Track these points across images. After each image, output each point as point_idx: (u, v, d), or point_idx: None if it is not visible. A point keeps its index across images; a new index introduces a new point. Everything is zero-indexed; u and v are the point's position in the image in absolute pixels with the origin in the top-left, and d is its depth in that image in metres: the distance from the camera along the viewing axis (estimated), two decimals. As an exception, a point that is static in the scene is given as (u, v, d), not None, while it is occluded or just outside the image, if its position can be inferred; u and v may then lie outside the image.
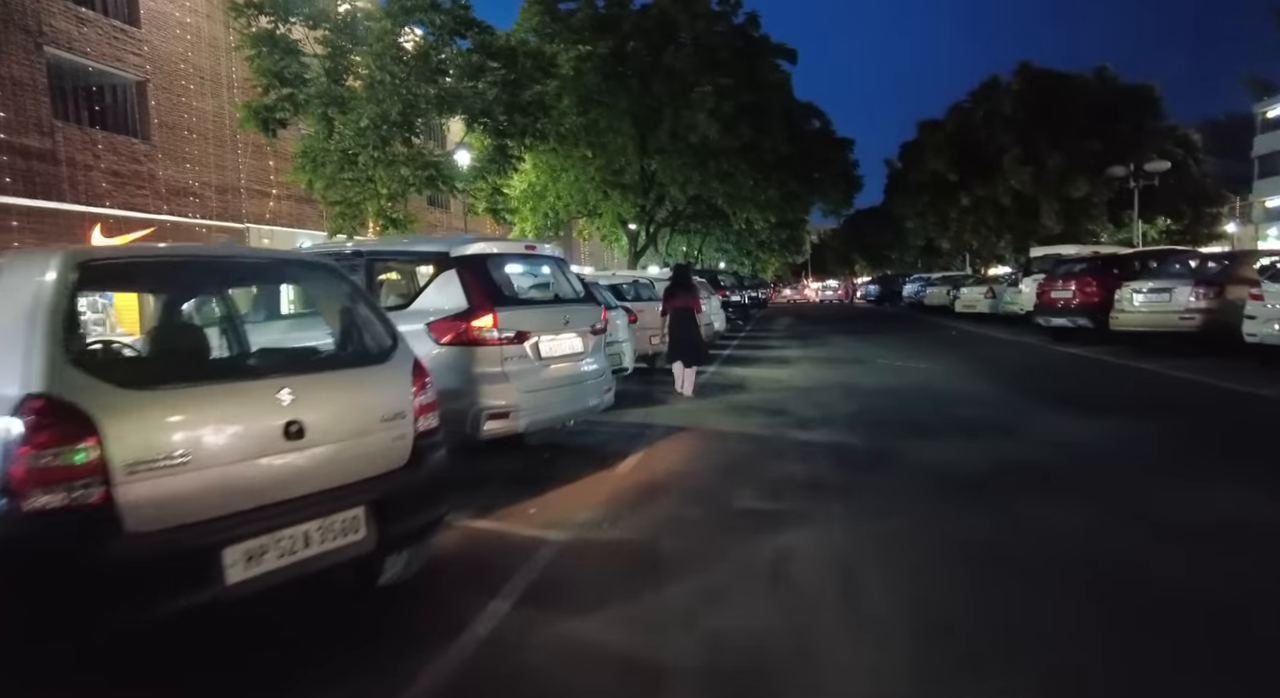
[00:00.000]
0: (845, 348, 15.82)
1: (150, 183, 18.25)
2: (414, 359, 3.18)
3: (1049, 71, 25.10)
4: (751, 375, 11.26)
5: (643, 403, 8.69)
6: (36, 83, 15.46)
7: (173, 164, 18.82)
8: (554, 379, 5.22)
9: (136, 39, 17.52)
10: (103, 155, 17.54)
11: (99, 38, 16.87)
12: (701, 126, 23.79)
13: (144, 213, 17.82)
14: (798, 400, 8.75)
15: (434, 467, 3.13)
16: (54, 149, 16.17)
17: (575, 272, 6.29)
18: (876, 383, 10.15)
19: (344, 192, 11.14)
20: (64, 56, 15.99)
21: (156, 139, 18.31)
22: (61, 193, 16.19)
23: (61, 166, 16.43)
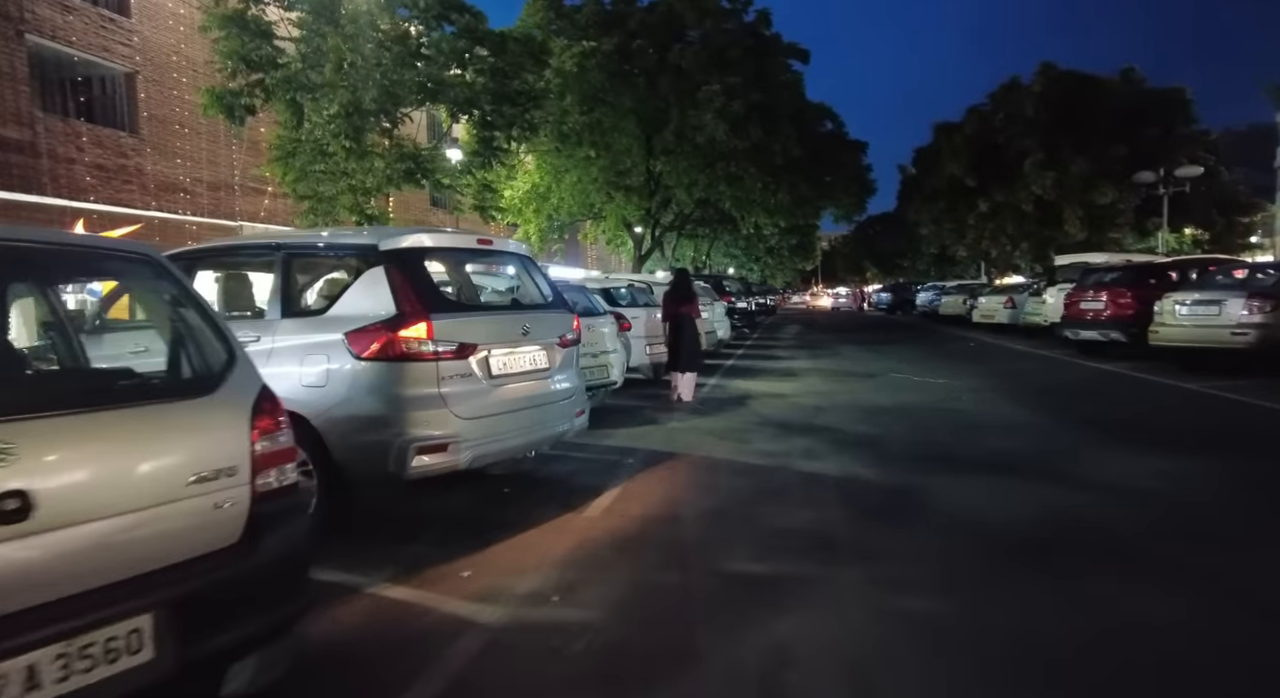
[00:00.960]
0: (856, 360, 14.82)
1: (138, 178, 17.71)
2: (258, 389, 2.25)
3: (1073, 73, 23.99)
4: (755, 389, 10.29)
5: (630, 421, 7.73)
6: (16, 72, 14.95)
7: (162, 159, 18.29)
8: (508, 402, 4.27)
9: (126, 29, 17.03)
10: (87, 148, 17.06)
11: (85, 27, 16.33)
12: (709, 127, 22.85)
13: (130, 208, 17.35)
14: (805, 421, 7.78)
15: (283, 544, 2.19)
16: (34, 141, 15.63)
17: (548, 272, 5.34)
18: (892, 401, 9.16)
19: (315, 185, 10.27)
20: (47, 45, 15.60)
21: (145, 133, 17.84)
22: (42, 186, 15.67)
23: (42, 159, 15.91)
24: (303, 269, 4.41)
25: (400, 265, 3.96)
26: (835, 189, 26.86)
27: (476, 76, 11.05)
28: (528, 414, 4.41)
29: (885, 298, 44.62)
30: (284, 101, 9.71)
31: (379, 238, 4.07)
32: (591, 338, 7.81)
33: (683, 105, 23.79)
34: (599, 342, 7.92)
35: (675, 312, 9.12)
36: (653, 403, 9.18)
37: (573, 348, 4.95)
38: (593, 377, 7.74)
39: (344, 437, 3.83)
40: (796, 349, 17.52)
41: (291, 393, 3.95)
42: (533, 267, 4.97)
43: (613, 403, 8.86)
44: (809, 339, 21.67)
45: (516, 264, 4.98)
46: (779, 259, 50.24)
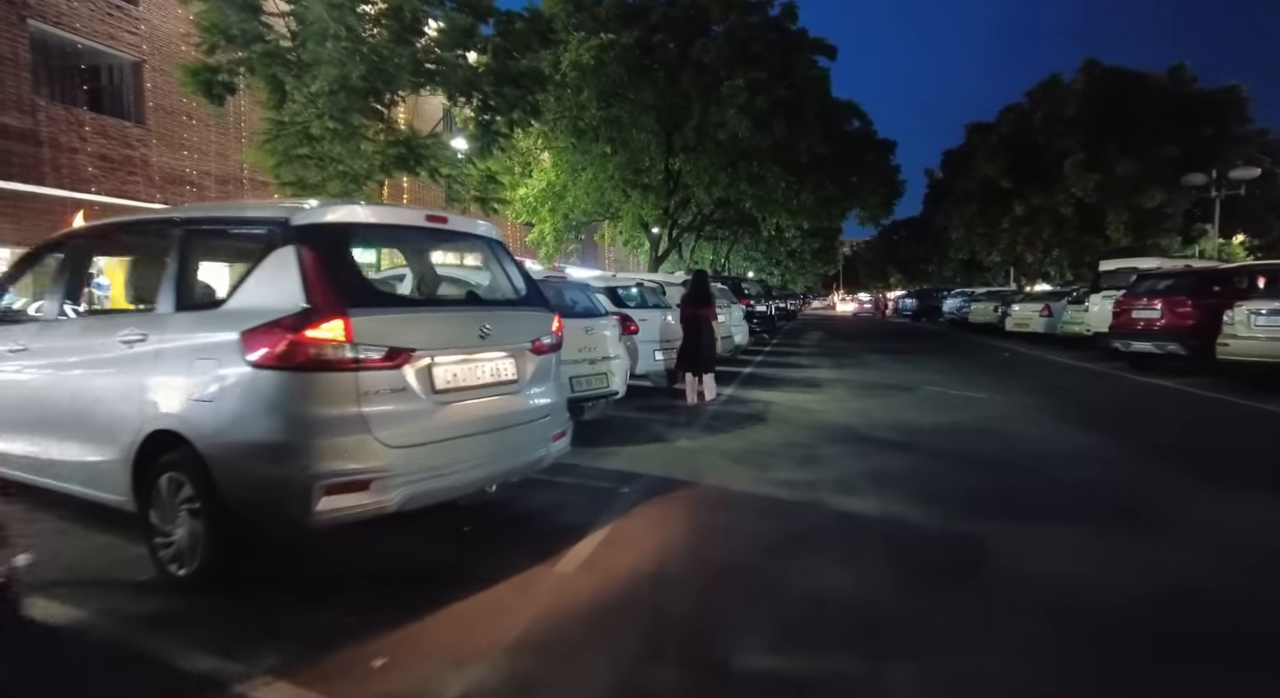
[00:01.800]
0: (885, 370, 13.72)
1: (143, 169, 17.34)
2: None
3: (1118, 70, 22.57)
4: (776, 402, 9.26)
5: (634, 438, 6.75)
6: (19, 58, 14.66)
7: (169, 150, 17.91)
8: (458, 424, 3.31)
9: (133, 17, 16.74)
10: (90, 138, 16.74)
11: (91, 14, 16.00)
12: (731, 123, 21.85)
13: (135, 201, 17.16)
14: (834, 443, 6.74)
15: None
16: (35, 129, 15.31)
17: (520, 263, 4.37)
18: (931, 420, 8.09)
19: (299, 171, 9.42)
20: (50, 31, 15.30)
21: (152, 123, 17.52)
22: (42, 176, 15.37)
23: (43, 148, 15.60)
24: (204, 250, 3.49)
25: (316, 246, 3.02)
26: (862, 190, 25.70)
27: (479, 56, 10.15)
28: (486, 440, 3.44)
29: (910, 304, 43.22)
30: (265, 78, 8.86)
31: (293, 210, 3.12)
32: (590, 342, 6.86)
33: (704, 101, 22.85)
34: (599, 347, 6.96)
35: (695, 314, 8.91)
36: (662, 415, 8.19)
37: (551, 355, 3.98)
38: (590, 386, 6.79)
39: (233, 468, 2.90)
40: (819, 357, 16.44)
41: (177, 408, 3.02)
42: (503, 255, 4.00)
43: (616, 415, 7.89)
44: (832, 346, 20.56)
45: (483, 249, 4.02)
46: (800, 263, 49.04)
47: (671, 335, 9.85)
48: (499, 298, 3.90)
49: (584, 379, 6.71)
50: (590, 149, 22.92)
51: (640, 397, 9.40)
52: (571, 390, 6.57)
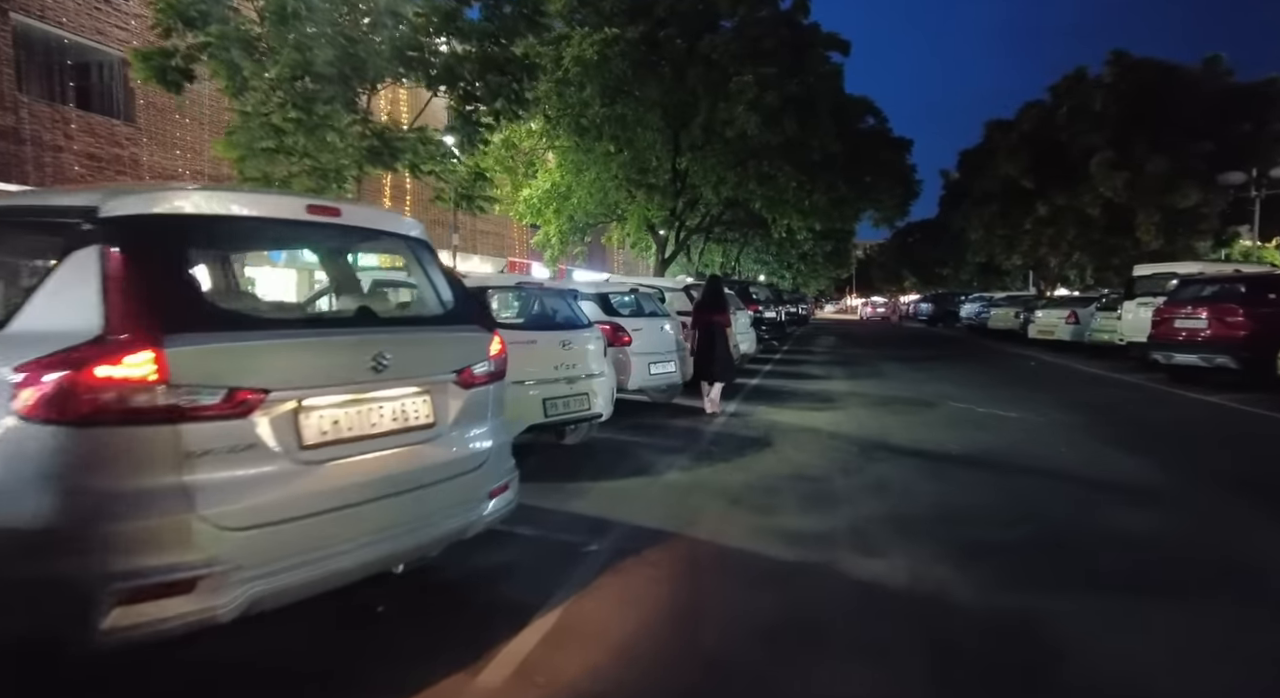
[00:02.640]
0: (903, 381, 12.75)
1: (133, 169, 16.79)
2: None
3: (1149, 62, 21.32)
4: (784, 422, 8.33)
5: (615, 469, 5.85)
6: (0, 53, 14.06)
7: (160, 149, 17.34)
8: (339, 489, 2.42)
9: (122, 12, 16.27)
10: (76, 136, 16.21)
11: (78, 8, 15.50)
12: (740, 120, 20.93)
13: None
14: (850, 476, 5.81)
15: None
16: (17, 126, 14.76)
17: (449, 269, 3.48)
18: (961, 444, 7.14)
19: (264, 165, 8.61)
20: (35, 26, 14.69)
21: (142, 121, 16.99)
22: (25, 175, 14.92)
23: (26, 146, 15.04)
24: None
25: (131, 245, 2.15)
26: (876, 190, 24.68)
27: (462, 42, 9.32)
28: (384, 508, 2.55)
29: (926, 309, 42.08)
30: (222, 63, 8.06)
31: (107, 197, 2.25)
32: (569, 358, 5.97)
33: (712, 98, 21.95)
34: (579, 363, 6.06)
35: (707, 320, 8.62)
36: (654, 437, 7.28)
37: (488, 387, 3.09)
38: (568, 409, 5.90)
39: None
40: (832, 366, 15.47)
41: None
42: (428, 258, 3.10)
43: (601, 437, 7.00)
44: (845, 354, 19.57)
45: (403, 252, 3.13)
46: (812, 266, 47.95)
47: (670, 347, 8.96)
48: (414, 315, 3.02)
49: (561, 401, 5.82)
50: (593, 148, 22.09)
51: (632, 414, 8.50)
52: (545, 415, 5.69)
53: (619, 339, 8.22)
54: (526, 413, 5.55)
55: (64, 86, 16.18)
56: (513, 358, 5.58)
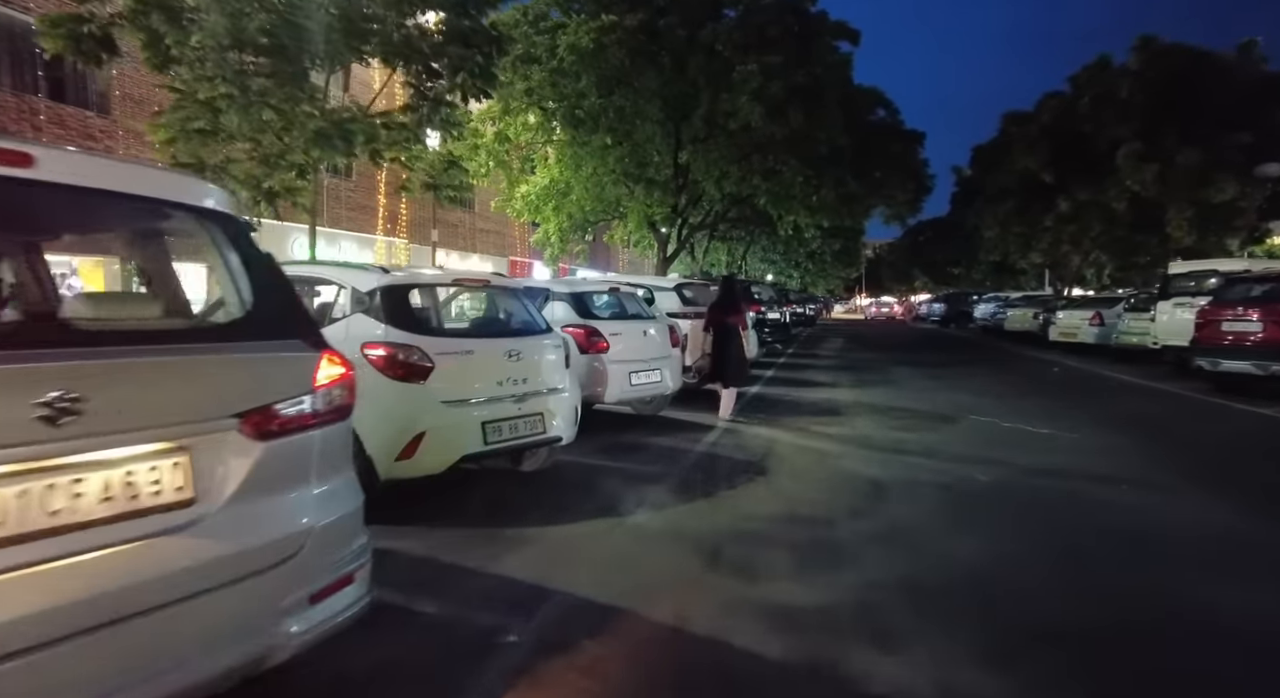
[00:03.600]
0: (917, 390, 11.64)
1: None
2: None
3: (1180, 48, 20.01)
4: (782, 441, 7.25)
5: (571, 507, 4.79)
6: None
7: (137, 144, 16.53)
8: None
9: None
10: (46, 129, 15.42)
11: None
12: (743, 111, 19.86)
13: None
14: (857, 519, 4.74)
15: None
16: None
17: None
18: (990, 471, 6.05)
19: (197, 148, 7.63)
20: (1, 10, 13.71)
21: (119, 114, 16.06)
22: None
23: None
24: None
25: None
26: (888, 185, 23.52)
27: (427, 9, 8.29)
28: (92, 650, 1.51)
29: (938, 309, 40.80)
30: (141, 30, 7.06)
31: None
32: (518, 371, 4.92)
33: (714, 88, 20.91)
34: (532, 377, 5.01)
35: (721, 321, 8.34)
36: (628, 460, 6.24)
37: (314, 434, 2.05)
38: (515, 434, 4.87)
39: None
40: (839, 372, 14.36)
41: None
42: (227, 240, 2.06)
43: (568, 460, 5.96)
44: (854, 358, 18.44)
45: (196, 231, 2.08)
46: (820, 265, 46.75)
47: (656, 353, 7.91)
48: (165, 327, 1.96)
49: (506, 424, 4.77)
50: (590, 140, 21.07)
51: (611, 429, 7.46)
52: (484, 441, 4.65)
53: (594, 345, 7.19)
54: (458, 440, 4.52)
55: (34, 76, 15.37)
56: (444, 373, 4.57)
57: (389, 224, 26.43)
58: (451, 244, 30.76)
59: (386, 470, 4.32)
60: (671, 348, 8.19)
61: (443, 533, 4.26)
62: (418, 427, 4.32)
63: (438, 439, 4.39)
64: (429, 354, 4.41)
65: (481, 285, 5.54)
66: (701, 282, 12.44)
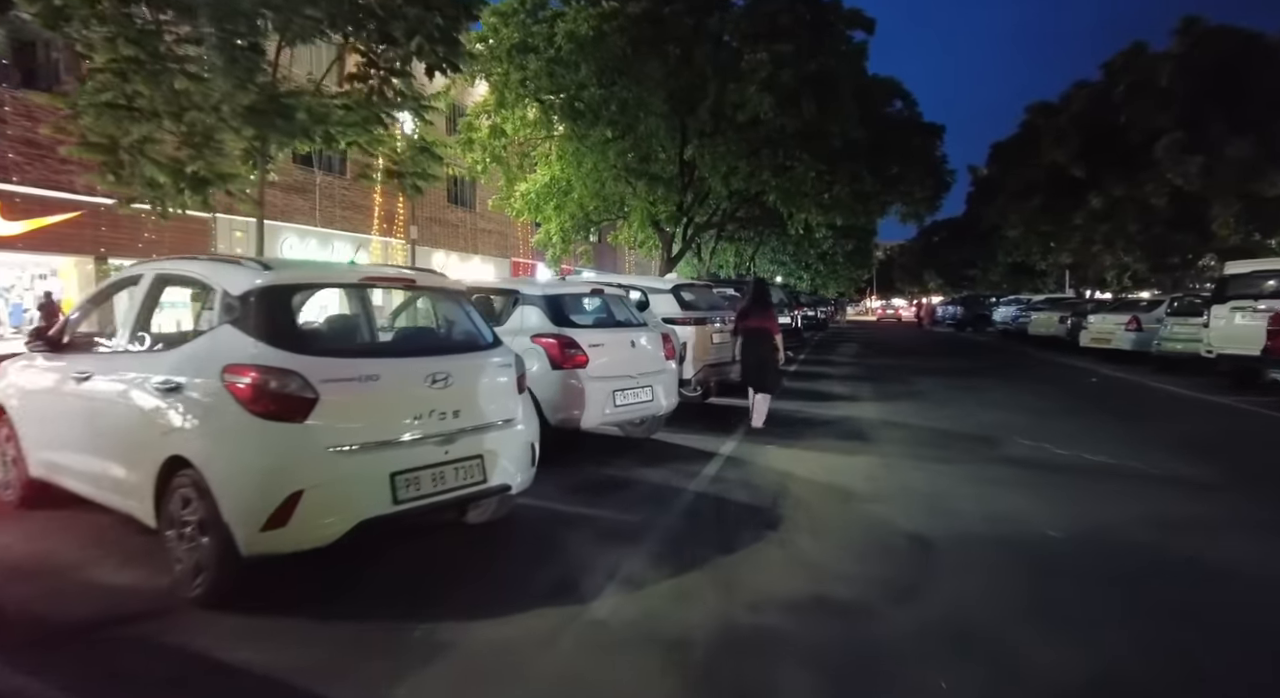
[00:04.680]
0: (946, 403, 10.35)
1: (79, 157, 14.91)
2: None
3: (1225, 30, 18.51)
4: (797, 476, 5.98)
5: (509, 590, 3.54)
6: None
7: None
8: None
9: None
10: (11, 119, 14.56)
11: None
12: (752, 103, 18.62)
13: (69, 193, 14.51)
14: (905, 604, 3.47)
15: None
16: None
17: None
18: (1058, 522, 4.77)
19: (109, 126, 6.47)
20: None
21: None
22: None
23: None
24: None
25: None
26: (906, 181, 22.19)
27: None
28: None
29: (954, 312, 39.31)
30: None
31: None
32: (443, 400, 3.70)
33: (722, 79, 19.70)
34: (466, 407, 3.77)
35: (750, 326, 8.07)
36: (605, 506, 4.99)
37: None
38: (438, 486, 3.64)
39: None
40: (858, 382, 13.05)
41: None
42: None
43: (528, 506, 4.72)
44: (872, 365, 17.13)
45: None
46: (831, 266, 45.36)
47: (647, 367, 6.67)
48: None
49: (427, 475, 3.54)
50: (589, 134, 19.89)
51: (591, 456, 6.24)
52: (394, 499, 3.42)
53: (570, 359, 5.96)
54: (353, 500, 3.30)
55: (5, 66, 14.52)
56: (333, 407, 3.34)
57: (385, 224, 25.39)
58: (451, 245, 29.66)
59: (250, 543, 3.10)
60: (666, 360, 6.94)
61: (323, 634, 3.04)
62: (292, 483, 3.10)
63: (322, 500, 3.17)
64: (311, 382, 3.19)
65: (404, 285, 4.28)
66: (705, 283, 11.19)
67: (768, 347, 8.00)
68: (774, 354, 8.08)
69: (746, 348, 8.09)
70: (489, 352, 4.09)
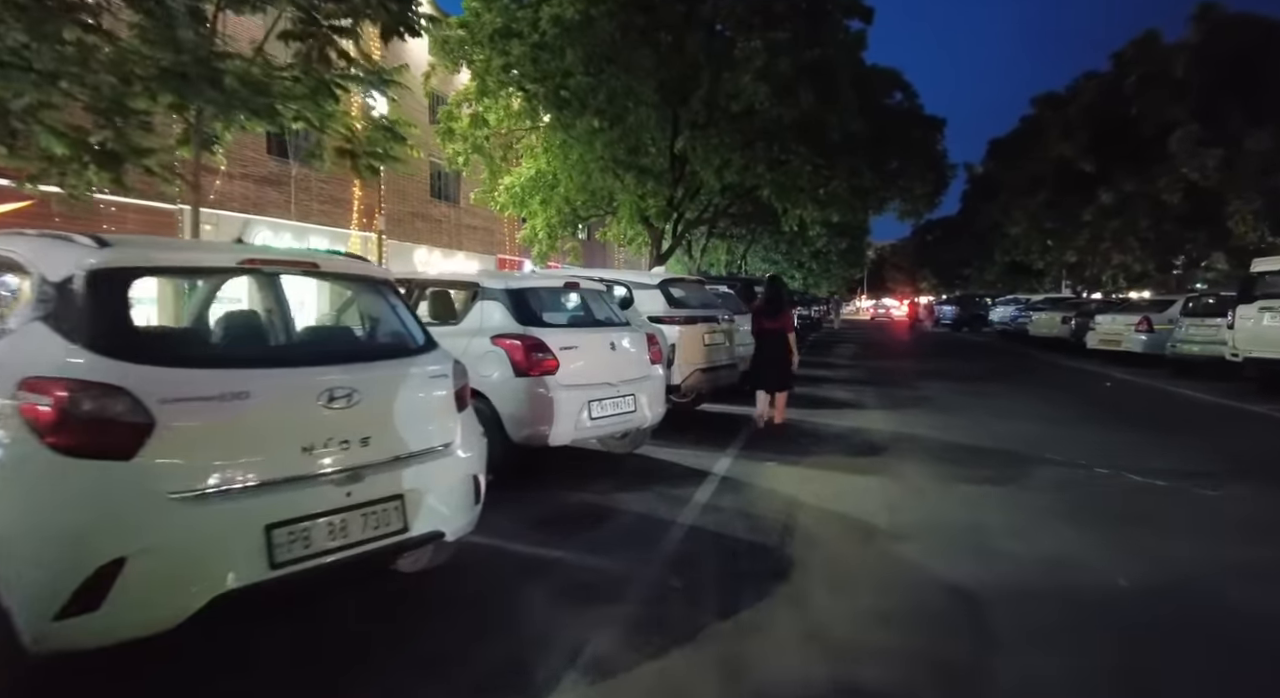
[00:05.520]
0: (962, 413, 9.48)
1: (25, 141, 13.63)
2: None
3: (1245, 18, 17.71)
4: (808, 508, 5.06)
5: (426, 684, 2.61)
6: None
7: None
8: None
9: None
10: None
11: None
12: (747, 92, 17.76)
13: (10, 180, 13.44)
14: (960, 691, 2.58)
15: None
16: None
17: None
18: (1135, 573, 3.89)
19: (-8, 91, 5.48)
20: None
21: None
22: None
23: None
24: None
25: None
26: (906, 176, 21.35)
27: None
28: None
29: (950, 311, 38.57)
30: None
31: None
32: (348, 423, 2.75)
33: (715, 67, 18.83)
34: (380, 433, 2.83)
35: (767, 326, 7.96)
36: (574, 547, 4.06)
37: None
38: (342, 539, 2.70)
39: None
40: (860, 387, 12.15)
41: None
42: None
43: (476, 546, 3.79)
44: (873, 368, 16.28)
45: None
46: (824, 265, 44.54)
47: (630, 373, 5.75)
48: None
49: (320, 526, 2.60)
50: (575, 124, 18.95)
51: (564, 478, 5.32)
52: (270, 562, 2.47)
53: (537, 364, 5.03)
54: (205, 567, 2.36)
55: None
56: (179, 438, 2.36)
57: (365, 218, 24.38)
58: (434, 241, 28.64)
59: (39, 637, 2.15)
60: (651, 365, 6.02)
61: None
62: (109, 548, 2.17)
63: (157, 568, 2.23)
64: (144, 402, 2.25)
65: (301, 269, 3.26)
66: (696, 279, 10.27)
67: (783, 347, 7.86)
68: (788, 355, 7.92)
69: (761, 348, 7.98)
70: (416, 358, 3.15)
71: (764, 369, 7.97)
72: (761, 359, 7.99)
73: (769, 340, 7.91)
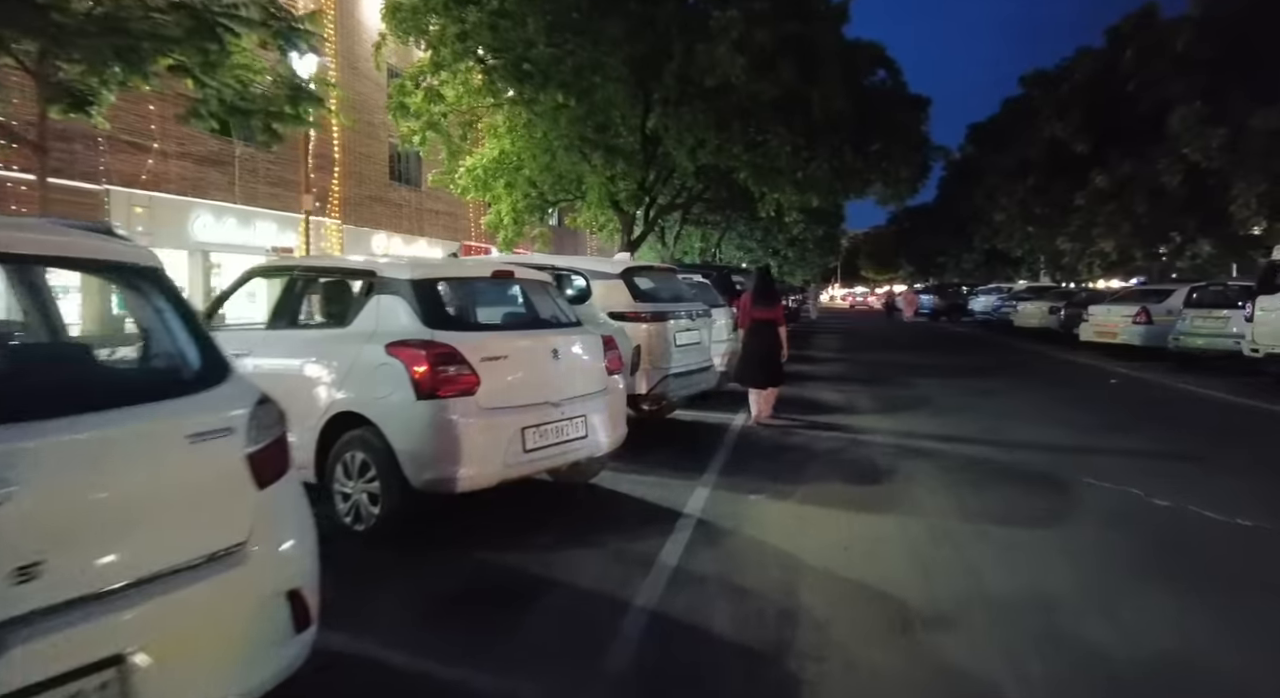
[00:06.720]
0: (965, 415, 8.37)
1: None
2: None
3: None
4: (808, 567, 3.84)
5: None
6: None
7: None
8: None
9: None
10: None
11: None
12: (723, 65, 16.43)
13: None
14: None
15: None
16: None
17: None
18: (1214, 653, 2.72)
19: None
20: None
21: None
22: None
23: None
24: None
25: None
26: (890, 158, 20.27)
27: None
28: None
29: (928, 301, 37.76)
30: None
31: None
32: (32, 531, 1.39)
33: (688, 38, 17.49)
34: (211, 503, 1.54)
35: (756, 317, 7.53)
36: (481, 650, 2.78)
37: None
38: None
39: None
40: (851, 387, 10.96)
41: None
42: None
43: (344, 659, 2.48)
44: (860, 363, 15.20)
45: None
46: (800, 253, 43.49)
47: (581, 388, 4.45)
48: None
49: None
50: (538, 98, 17.52)
51: (494, 524, 4.03)
52: None
53: (447, 382, 3.71)
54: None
55: None
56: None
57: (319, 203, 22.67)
58: (394, 226, 26.96)
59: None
60: (609, 376, 4.72)
61: None
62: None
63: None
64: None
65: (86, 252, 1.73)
66: (667, 267, 9.01)
67: (773, 340, 7.54)
68: (779, 348, 7.60)
69: (749, 342, 7.64)
70: (218, 391, 1.82)
71: (754, 364, 7.54)
72: (751, 353, 7.56)
73: (760, 332, 7.50)
